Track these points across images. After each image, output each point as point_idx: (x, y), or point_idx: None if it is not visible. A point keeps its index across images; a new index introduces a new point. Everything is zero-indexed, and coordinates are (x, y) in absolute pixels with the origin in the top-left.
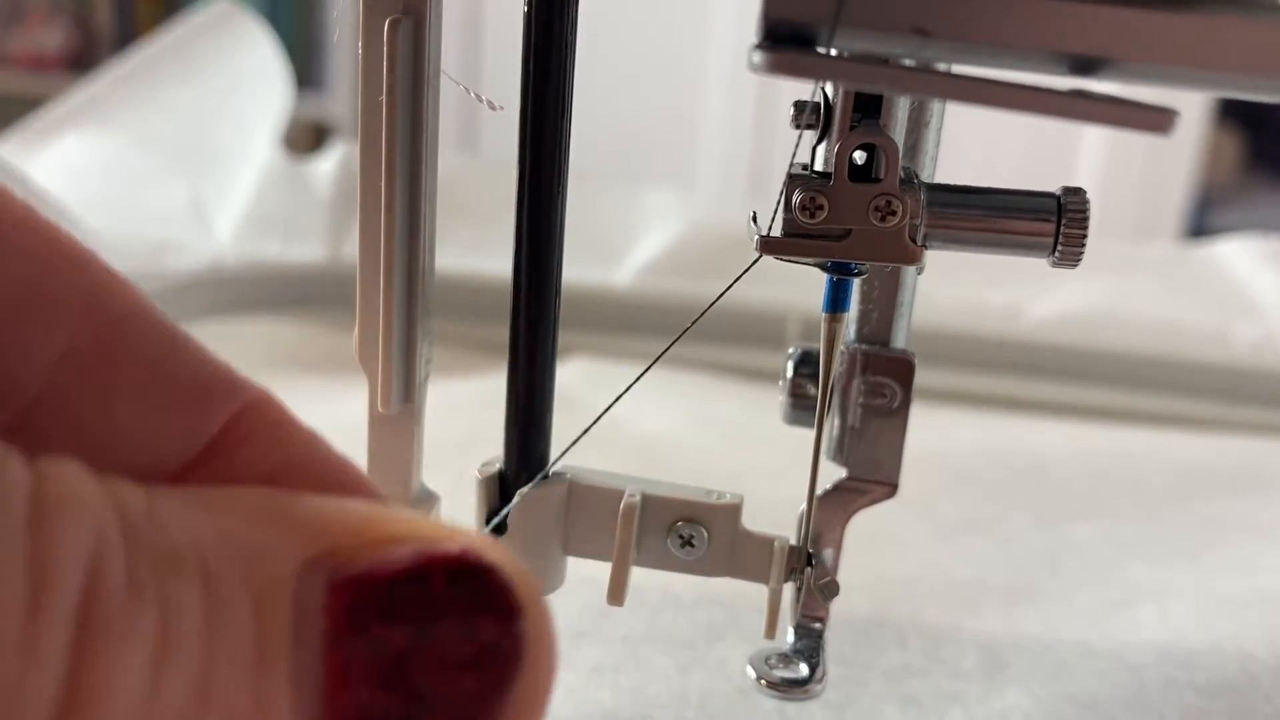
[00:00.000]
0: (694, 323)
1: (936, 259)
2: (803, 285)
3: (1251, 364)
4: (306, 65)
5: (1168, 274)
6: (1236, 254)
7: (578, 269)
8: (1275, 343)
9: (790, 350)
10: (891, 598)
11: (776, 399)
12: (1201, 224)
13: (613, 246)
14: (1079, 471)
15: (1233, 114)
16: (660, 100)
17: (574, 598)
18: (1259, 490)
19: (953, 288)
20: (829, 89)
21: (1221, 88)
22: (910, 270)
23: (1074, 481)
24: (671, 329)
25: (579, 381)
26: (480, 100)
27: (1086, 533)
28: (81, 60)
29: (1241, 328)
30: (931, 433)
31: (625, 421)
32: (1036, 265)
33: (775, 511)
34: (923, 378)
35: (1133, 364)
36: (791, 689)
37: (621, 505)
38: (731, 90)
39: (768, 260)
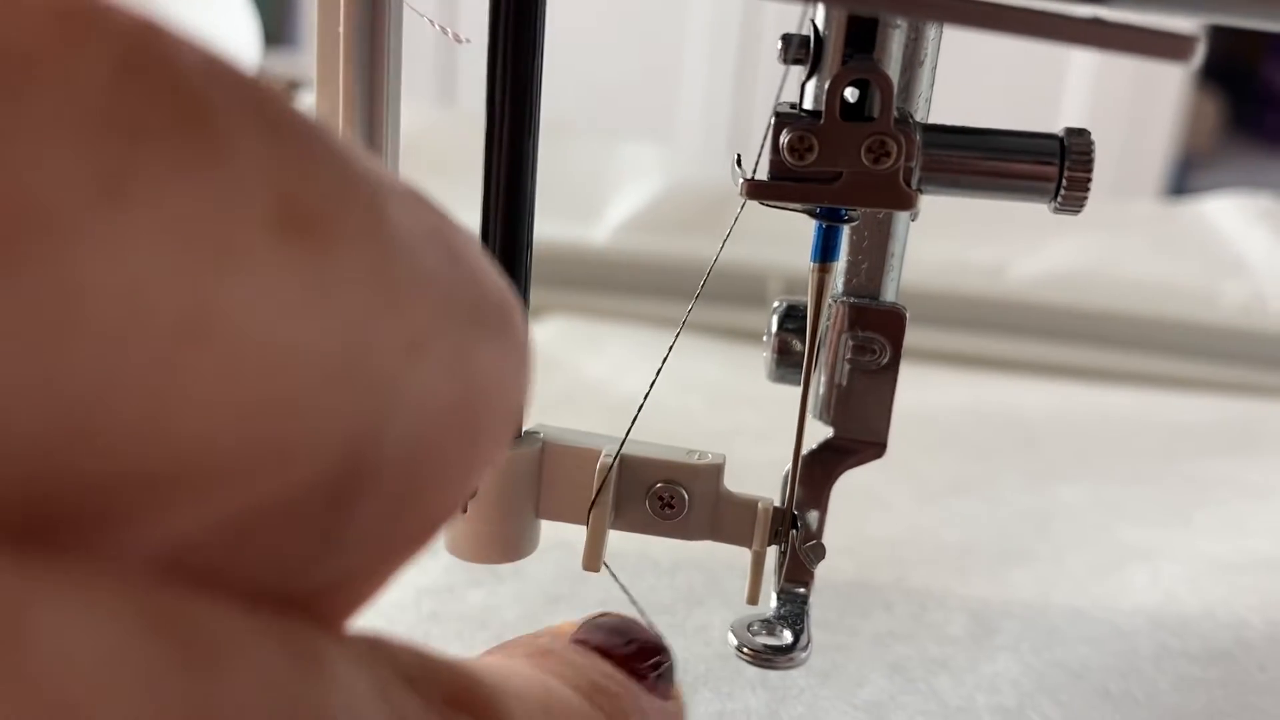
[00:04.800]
0: (703, 284)
1: (920, 214)
2: (784, 243)
3: (1239, 323)
4: (279, 22)
5: (1155, 232)
6: (1224, 212)
7: (553, 226)
8: (1263, 302)
9: (775, 304)
10: (877, 561)
11: (759, 359)
12: (1182, 185)
13: (589, 202)
14: (1066, 432)
15: (1214, 76)
16: (638, 50)
17: (548, 562)
18: (1247, 450)
19: (936, 245)
20: (819, 21)
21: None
22: (902, 219)
23: (1061, 442)
24: (651, 288)
25: (556, 341)
26: (445, 33)
27: (1075, 494)
28: None
29: (1229, 287)
30: (916, 393)
31: (603, 382)
32: (1021, 222)
33: (759, 473)
34: (907, 337)
35: (1120, 323)
36: (775, 656)
37: (597, 466)
38: (712, 41)
39: (748, 216)
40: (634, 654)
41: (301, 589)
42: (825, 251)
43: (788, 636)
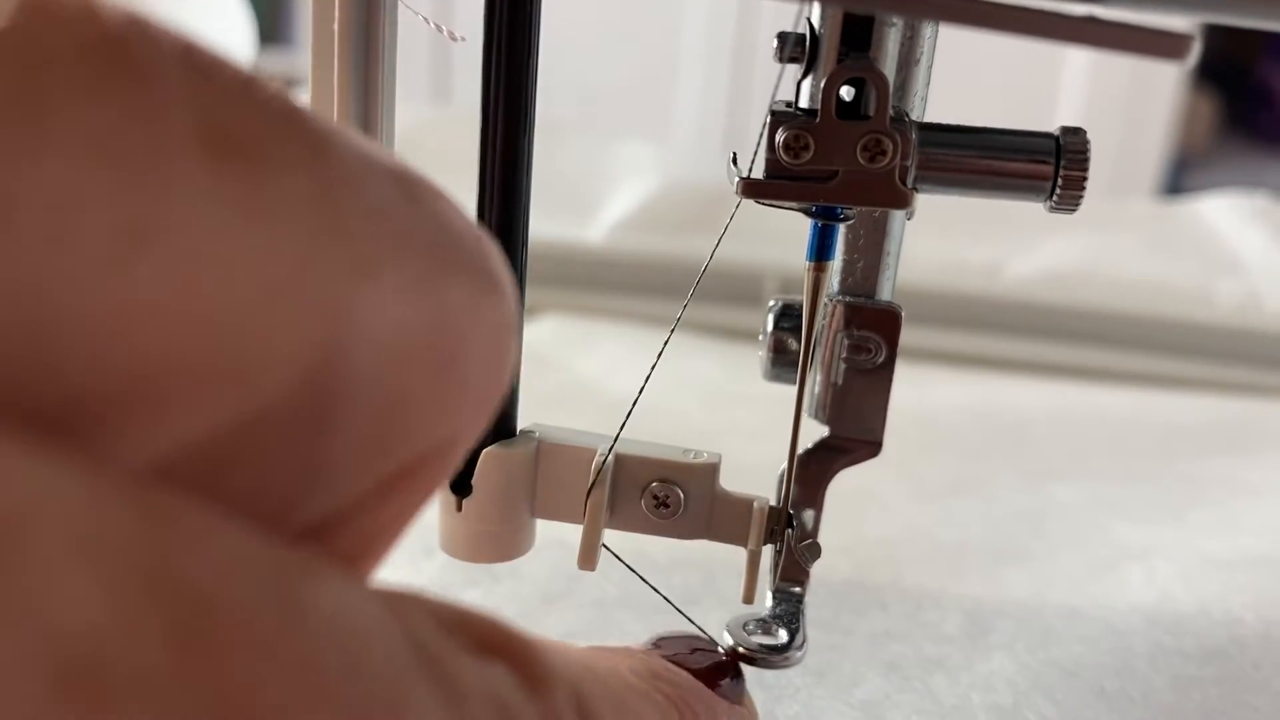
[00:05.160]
0: (697, 282)
1: (916, 213)
2: (780, 242)
3: (1235, 323)
4: (273, 20)
5: (1150, 232)
6: (1219, 211)
7: (548, 225)
8: (1258, 301)
9: (771, 303)
10: (873, 560)
11: (754, 358)
12: (1177, 185)
13: (585, 201)
14: (1061, 431)
15: (1209, 76)
16: (633, 49)
17: (544, 562)
18: (1243, 449)
19: (932, 244)
20: (815, 19)
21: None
22: (898, 217)
23: (1056, 441)
24: (646, 287)
25: (551, 340)
26: (440, 31)
27: (1070, 493)
28: None
29: (1225, 286)
30: (912, 392)
31: (598, 381)
32: (1017, 222)
33: (754, 473)
34: (902, 336)
35: (1115, 322)
36: (770, 655)
37: (592, 465)
38: (708, 39)
39: (744, 215)
40: (705, 667)
41: (297, 524)
42: (821, 250)
43: (783, 636)
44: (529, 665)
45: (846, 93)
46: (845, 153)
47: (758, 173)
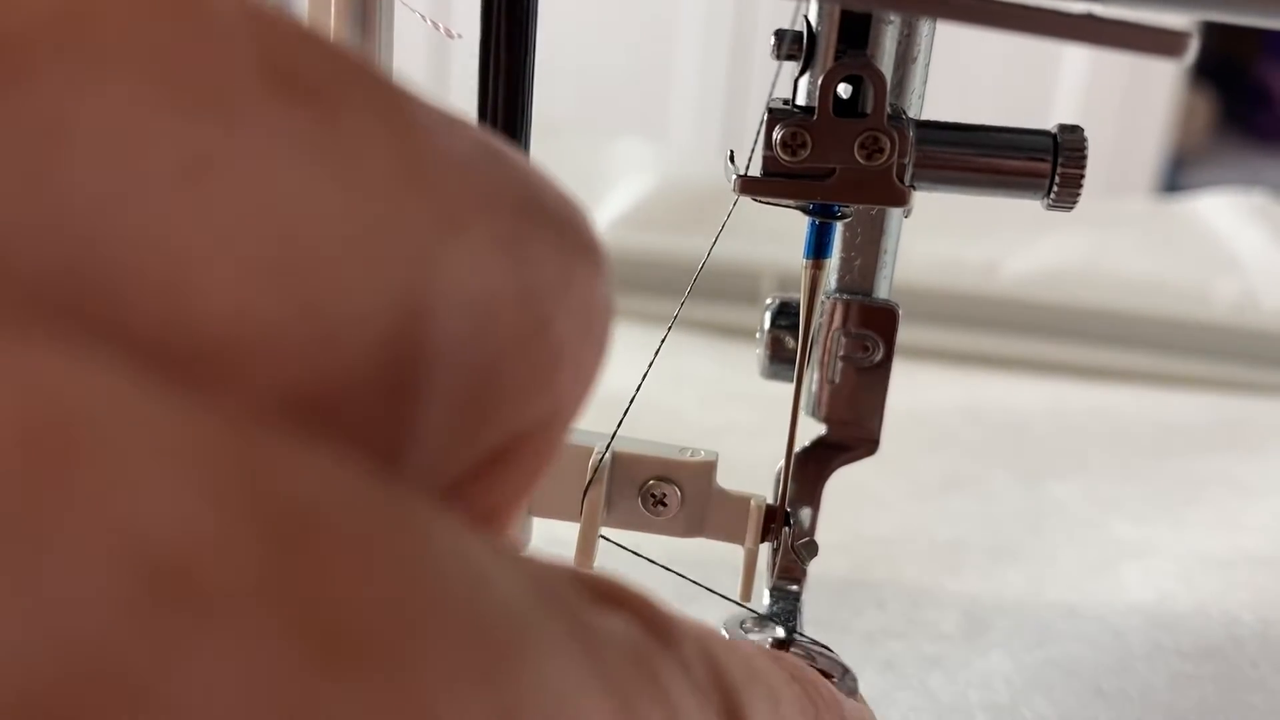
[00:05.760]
0: (694, 279)
1: (913, 211)
2: (778, 239)
3: (1231, 320)
4: None
5: (1147, 230)
6: (1216, 209)
7: None
8: (1255, 299)
9: (768, 301)
10: (870, 558)
11: (752, 356)
12: (1174, 183)
13: (582, 199)
14: (1058, 429)
15: (1206, 74)
16: (631, 46)
17: None
18: (1239, 447)
19: (929, 242)
20: (813, 16)
21: (1230, 9)
22: (895, 215)
23: (1053, 439)
24: (643, 285)
25: None
26: (437, 28)
27: (1067, 491)
28: None
29: (1221, 284)
30: (909, 390)
31: None
32: (1014, 220)
33: (751, 471)
34: (899, 334)
35: (1112, 320)
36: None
37: (589, 462)
38: (706, 37)
39: (741, 213)
40: (820, 667)
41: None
42: (818, 248)
43: (780, 633)
44: (653, 617)
45: (844, 90)
46: (843, 150)
47: (755, 170)
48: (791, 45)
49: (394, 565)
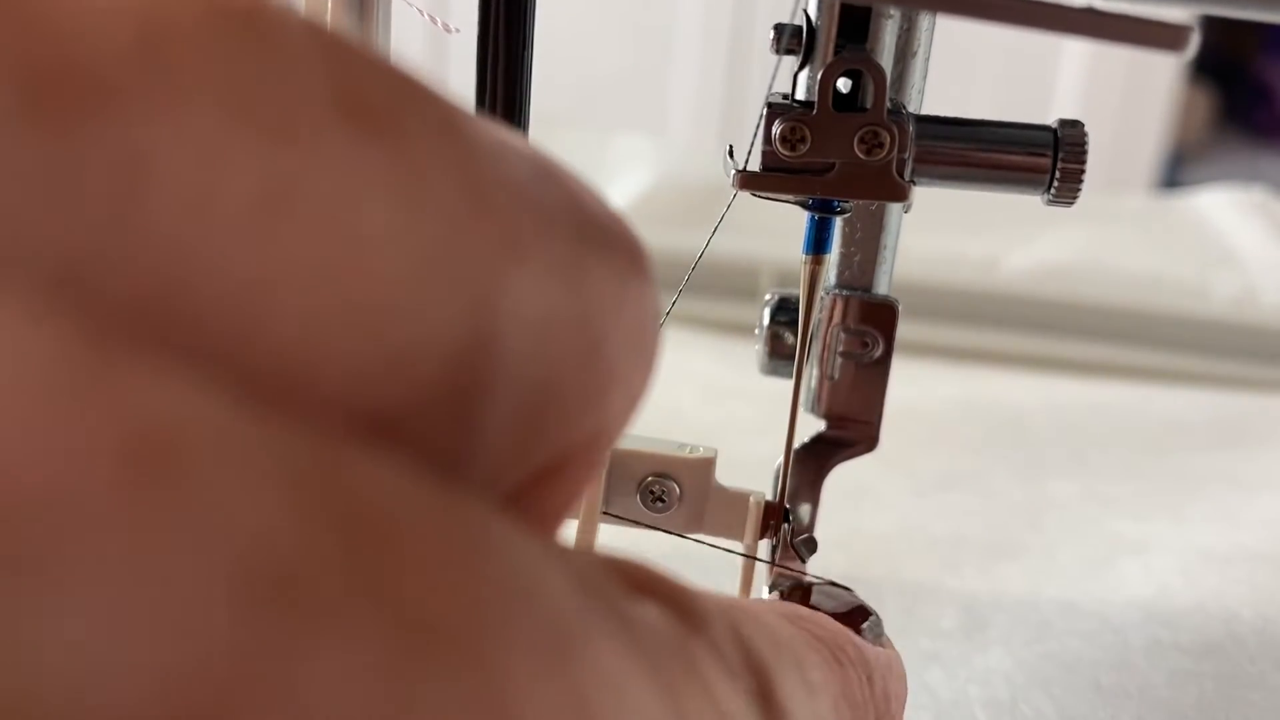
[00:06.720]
0: (689, 274)
1: (913, 206)
2: (777, 235)
3: (1231, 317)
4: None
5: (1147, 226)
6: (1216, 205)
7: None
8: (1254, 295)
9: (767, 296)
10: (869, 555)
11: (751, 352)
12: (1174, 179)
13: None
14: (1058, 425)
15: (1206, 70)
16: (629, 41)
17: None
18: (1239, 443)
19: (929, 238)
20: (812, 10)
21: (1230, 4)
22: (895, 210)
23: (1053, 436)
24: None
25: None
26: (435, 23)
27: (1067, 488)
28: None
29: (1221, 280)
30: (908, 386)
31: None
32: (1013, 216)
33: (750, 467)
34: (899, 330)
35: (1111, 317)
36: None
37: None
38: (704, 32)
39: (740, 208)
40: (845, 612)
41: None
42: (817, 244)
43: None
44: (681, 603)
45: (843, 85)
46: (842, 145)
47: (754, 165)
48: (791, 39)
49: (466, 566)
